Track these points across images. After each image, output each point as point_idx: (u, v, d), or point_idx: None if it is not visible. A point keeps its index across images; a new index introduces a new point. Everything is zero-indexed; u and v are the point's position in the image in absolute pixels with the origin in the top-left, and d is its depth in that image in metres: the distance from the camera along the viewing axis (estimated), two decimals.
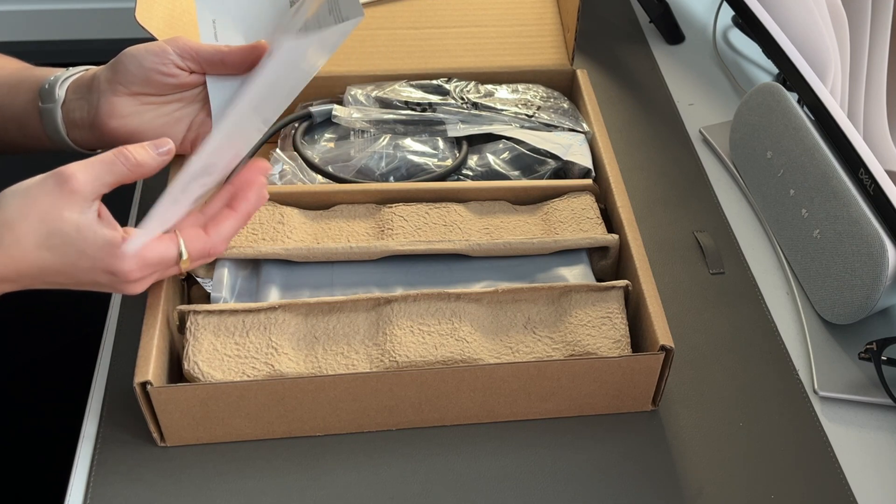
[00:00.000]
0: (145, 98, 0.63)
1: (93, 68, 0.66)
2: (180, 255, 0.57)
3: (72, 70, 0.65)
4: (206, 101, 0.65)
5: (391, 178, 0.74)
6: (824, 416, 0.65)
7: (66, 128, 0.64)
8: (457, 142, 0.77)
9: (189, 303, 0.65)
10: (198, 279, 0.65)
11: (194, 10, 0.80)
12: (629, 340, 0.62)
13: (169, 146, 0.58)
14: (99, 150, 0.66)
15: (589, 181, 0.73)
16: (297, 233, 0.67)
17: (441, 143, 0.76)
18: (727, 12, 1.02)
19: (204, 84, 0.65)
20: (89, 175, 0.54)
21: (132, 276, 0.55)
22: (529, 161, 0.75)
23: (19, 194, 0.53)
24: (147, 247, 0.55)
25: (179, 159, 0.66)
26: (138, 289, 0.57)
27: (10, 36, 1.96)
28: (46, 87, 0.64)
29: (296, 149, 0.74)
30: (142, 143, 0.57)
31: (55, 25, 1.99)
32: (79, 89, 0.64)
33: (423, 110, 0.77)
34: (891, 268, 0.64)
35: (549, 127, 0.77)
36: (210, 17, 0.69)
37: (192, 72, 0.63)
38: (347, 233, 0.68)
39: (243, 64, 0.64)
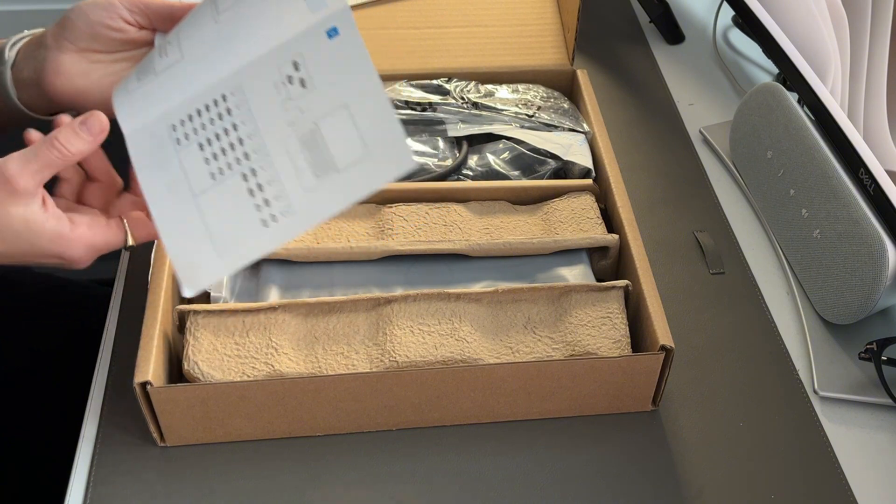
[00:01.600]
0: (93, 56, 0.61)
1: (42, 29, 0.64)
2: (126, 240, 0.57)
3: (25, 32, 0.64)
4: None
5: None
6: (824, 416, 0.65)
7: (16, 90, 0.63)
8: (457, 142, 0.77)
9: (189, 303, 0.65)
10: None
11: None
12: (629, 340, 0.62)
13: (101, 124, 0.56)
14: (49, 118, 0.64)
15: (589, 181, 0.73)
16: None
17: (441, 143, 0.76)
18: (727, 12, 1.02)
19: (153, 44, 0.62)
20: (27, 171, 0.54)
21: (81, 260, 0.56)
22: (529, 161, 0.75)
23: None
24: (95, 235, 0.56)
25: None
26: (84, 265, 0.57)
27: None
28: None
29: None
30: (71, 125, 0.55)
31: None
32: (29, 48, 0.62)
33: (424, 110, 0.77)
34: (891, 268, 0.64)
35: (549, 127, 0.77)
36: None
37: (141, 27, 0.61)
38: (347, 233, 0.68)
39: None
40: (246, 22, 0.56)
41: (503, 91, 0.80)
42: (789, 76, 0.76)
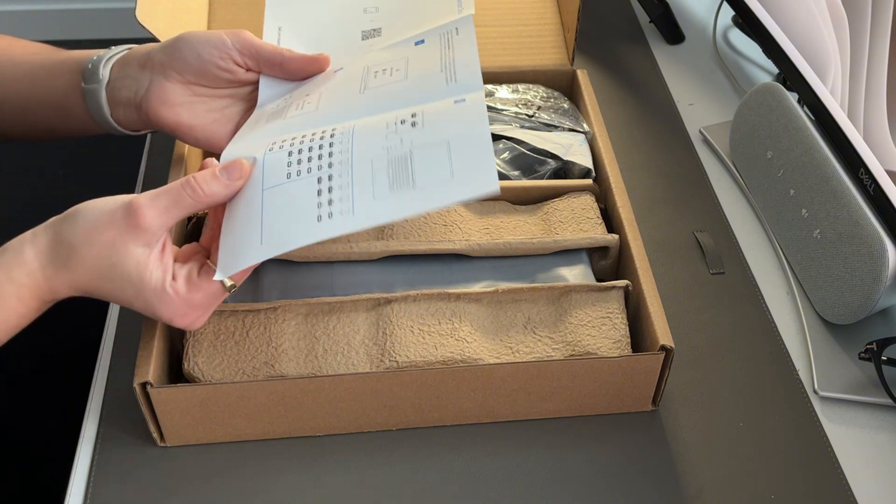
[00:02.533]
0: (198, 89, 0.62)
1: (136, 47, 0.64)
2: (223, 283, 0.55)
3: (114, 49, 0.64)
4: (255, 102, 0.64)
5: None
6: (824, 416, 0.65)
7: (110, 108, 0.63)
8: None
9: None
10: None
11: (195, 9, 0.81)
12: (629, 340, 0.63)
13: (241, 171, 0.56)
14: (144, 132, 0.65)
15: (589, 181, 0.73)
16: None
17: None
18: (727, 12, 1.02)
19: (256, 84, 0.64)
20: (156, 209, 0.53)
21: (182, 321, 0.55)
22: (529, 161, 0.75)
23: (90, 219, 0.53)
24: (191, 289, 0.54)
25: None
26: (194, 326, 0.56)
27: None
28: (90, 66, 0.63)
29: None
30: (212, 170, 0.55)
31: (55, 25, 1.99)
32: (126, 67, 0.63)
33: None
34: (891, 268, 0.64)
35: (549, 127, 0.77)
36: (276, 24, 0.69)
37: (248, 69, 0.62)
38: (347, 233, 0.68)
39: (301, 72, 0.63)
40: (391, 99, 0.59)
41: (503, 91, 0.80)
42: (789, 76, 0.76)
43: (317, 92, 0.63)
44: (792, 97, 0.75)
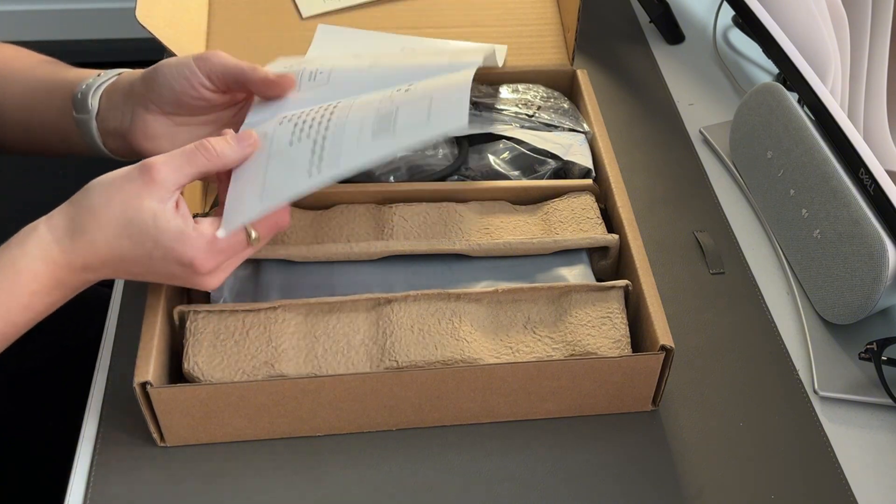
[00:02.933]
0: (178, 118, 0.62)
1: (126, 72, 0.64)
2: (249, 235, 0.57)
3: (103, 76, 0.64)
4: (241, 124, 0.64)
5: (391, 178, 0.74)
6: (824, 416, 0.65)
7: (101, 137, 0.63)
8: (457, 142, 0.77)
9: (189, 303, 0.65)
10: None
11: (195, 9, 0.81)
12: (629, 340, 0.62)
13: (252, 139, 0.58)
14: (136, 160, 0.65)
15: (589, 181, 0.73)
16: (297, 233, 0.67)
17: (441, 143, 0.76)
18: (727, 12, 1.02)
19: (238, 106, 0.65)
20: (170, 166, 0.54)
21: (204, 265, 0.55)
22: (529, 161, 0.75)
23: (105, 183, 0.55)
24: (217, 233, 0.56)
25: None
26: (214, 282, 0.57)
27: (10, 36, 1.95)
28: (79, 96, 0.63)
29: None
30: (225, 137, 0.57)
31: (55, 25, 1.99)
32: (112, 97, 0.63)
33: None
34: (891, 268, 0.64)
35: (549, 127, 0.77)
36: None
37: (222, 91, 0.62)
38: (347, 233, 0.68)
39: (263, 91, 0.62)
40: (397, 73, 0.65)
41: (503, 91, 0.80)
42: (789, 76, 0.76)
43: (327, 70, 0.66)
44: (792, 97, 0.75)
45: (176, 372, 0.61)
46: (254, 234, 0.57)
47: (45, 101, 0.65)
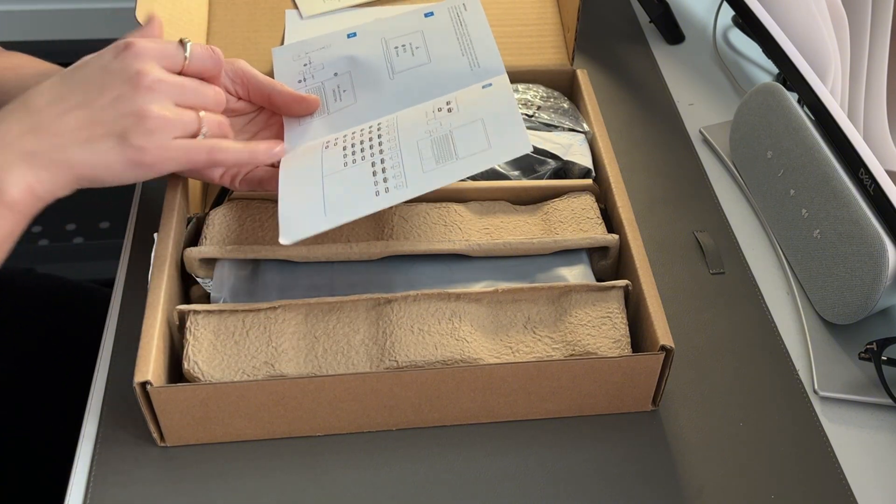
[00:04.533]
0: None
1: None
2: (183, 45, 0.57)
3: None
4: (252, 135, 0.65)
5: None
6: (824, 416, 0.65)
7: None
8: None
9: (189, 303, 0.65)
10: (198, 279, 0.65)
11: (195, 9, 0.81)
12: (629, 340, 0.62)
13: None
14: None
15: (589, 181, 0.73)
16: None
17: None
18: (727, 12, 1.02)
19: (251, 114, 0.66)
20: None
21: (137, 57, 0.54)
22: (529, 161, 0.75)
23: None
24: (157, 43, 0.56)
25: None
26: (151, 97, 0.55)
27: (10, 36, 1.96)
28: None
29: None
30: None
31: (55, 25, 1.99)
32: None
33: None
34: (891, 268, 0.64)
35: (549, 127, 0.77)
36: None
37: (240, 98, 0.62)
38: (347, 233, 0.68)
39: (286, 108, 0.62)
40: (423, 87, 0.67)
41: None
42: (789, 76, 0.76)
43: (348, 77, 0.67)
44: (792, 97, 0.75)
45: (176, 372, 0.61)
46: (188, 51, 0.58)
47: None
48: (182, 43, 0.57)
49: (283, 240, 0.58)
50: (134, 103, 0.54)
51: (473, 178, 0.74)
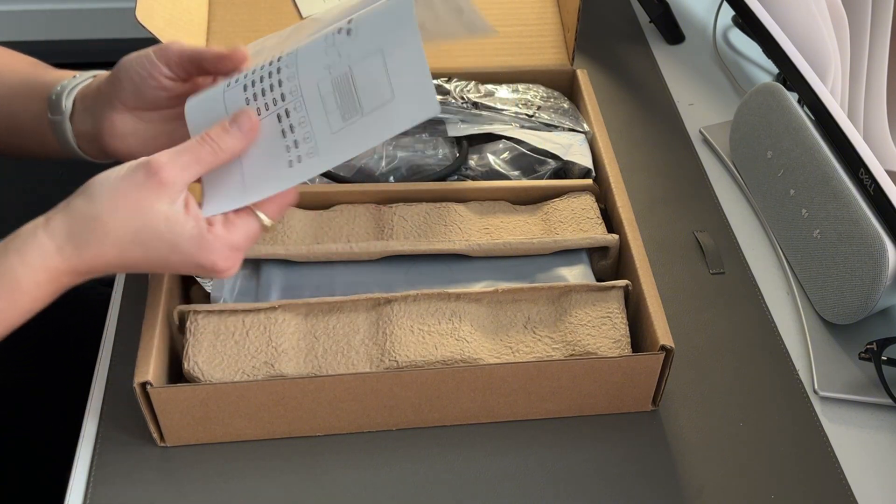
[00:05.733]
0: (143, 114, 0.60)
1: (101, 73, 0.63)
2: (261, 220, 0.56)
3: (78, 77, 0.63)
4: None
5: (391, 178, 0.74)
6: (824, 416, 0.65)
7: (76, 140, 0.62)
8: (457, 142, 0.77)
9: (189, 303, 0.65)
10: (198, 279, 0.65)
11: (195, 9, 0.81)
12: (629, 340, 0.62)
13: (250, 122, 0.56)
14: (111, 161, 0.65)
15: (589, 181, 0.73)
16: (298, 233, 0.67)
17: (441, 143, 0.76)
18: (727, 12, 1.02)
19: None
20: (177, 165, 0.53)
21: (224, 265, 0.54)
22: (529, 161, 0.75)
23: (107, 186, 0.52)
24: (231, 230, 0.54)
25: None
26: (231, 273, 0.56)
27: (11, 36, 1.96)
28: (53, 97, 0.62)
29: None
30: (223, 124, 0.55)
31: (55, 25, 1.99)
32: (85, 99, 0.62)
33: None
34: (891, 268, 0.64)
35: (549, 127, 0.77)
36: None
37: (183, 80, 0.61)
38: (347, 233, 0.68)
39: (215, 67, 0.60)
40: (331, 18, 0.61)
41: (503, 91, 0.80)
42: (789, 76, 0.76)
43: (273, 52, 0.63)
44: (792, 97, 0.75)
45: (176, 372, 0.61)
46: (267, 221, 0.56)
47: (24, 102, 0.64)
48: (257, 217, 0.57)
49: (205, 212, 0.55)
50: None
51: (473, 177, 0.74)
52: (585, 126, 0.78)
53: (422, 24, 0.64)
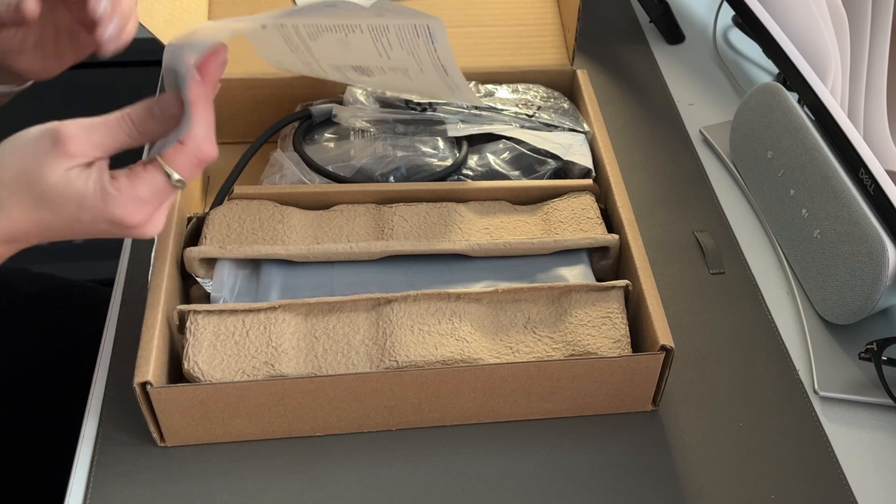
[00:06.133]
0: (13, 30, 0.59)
1: None
2: (169, 176, 0.53)
3: None
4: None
5: (391, 178, 0.74)
6: (824, 416, 0.65)
7: None
8: (457, 142, 0.77)
9: (189, 303, 0.65)
10: (198, 279, 0.65)
11: (195, 9, 0.81)
12: (629, 340, 0.62)
13: (174, 107, 0.53)
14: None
15: (589, 181, 0.73)
16: (297, 233, 0.67)
17: (441, 143, 0.76)
18: (727, 12, 1.02)
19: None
20: (88, 140, 0.51)
21: (133, 219, 0.52)
22: (529, 161, 0.75)
23: (16, 154, 0.51)
24: (136, 182, 0.52)
25: None
26: (149, 231, 0.54)
27: None
28: None
29: (296, 149, 0.74)
30: (146, 104, 0.53)
31: None
32: None
33: (424, 110, 0.77)
34: (891, 268, 0.64)
35: (549, 127, 0.77)
36: None
37: None
38: (347, 233, 0.68)
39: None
40: None
41: (503, 91, 0.80)
42: (789, 76, 0.76)
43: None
44: (792, 97, 0.75)
45: (176, 372, 0.61)
46: (175, 176, 0.53)
47: None
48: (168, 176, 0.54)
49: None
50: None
51: (473, 177, 0.74)
52: (585, 126, 0.78)
53: (405, 69, 0.64)
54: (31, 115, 0.64)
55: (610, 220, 0.71)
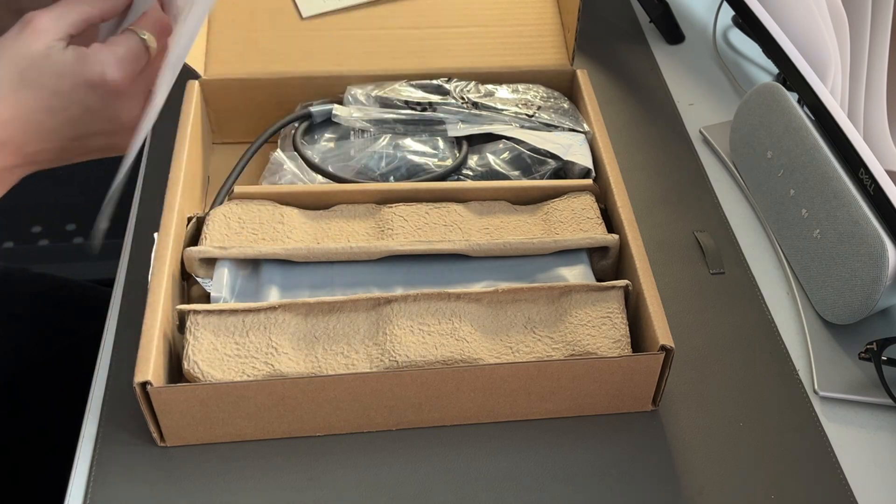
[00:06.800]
0: None
1: None
2: (142, 39, 0.56)
3: None
4: None
5: (391, 178, 0.74)
6: (824, 416, 0.65)
7: None
8: (457, 142, 0.77)
9: (189, 303, 0.65)
10: (198, 279, 0.65)
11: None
12: (629, 340, 0.62)
13: None
14: None
15: (589, 181, 0.73)
16: (297, 233, 0.67)
17: (441, 143, 0.76)
18: (727, 12, 1.02)
19: None
20: (51, 15, 0.53)
21: (113, 73, 0.54)
22: (529, 161, 0.75)
23: None
24: (112, 44, 0.55)
25: None
26: (131, 105, 0.56)
27: None
28: None
29: (296, 149, 0.74)
30: None
31: None
32: None
33: (424, 110, 0.77)
34: (891, 268, 0.64)
35: (549, 127, 0.77)
36: None
37: None
38: (347, 233, 0.68)
39: None
40: None
41: (503, 91, 0.80)
42: (789, 76, 0.76)
43: None
44: (792, 97, 0.75)
45: (176, 372, 0.61)
46: (146, 35, 0.56)
47: None
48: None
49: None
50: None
51: (473, 177, 0.74)
52: (585, 126, 0.78)
53: None
54: None
55: (610, 220, 0.71)
